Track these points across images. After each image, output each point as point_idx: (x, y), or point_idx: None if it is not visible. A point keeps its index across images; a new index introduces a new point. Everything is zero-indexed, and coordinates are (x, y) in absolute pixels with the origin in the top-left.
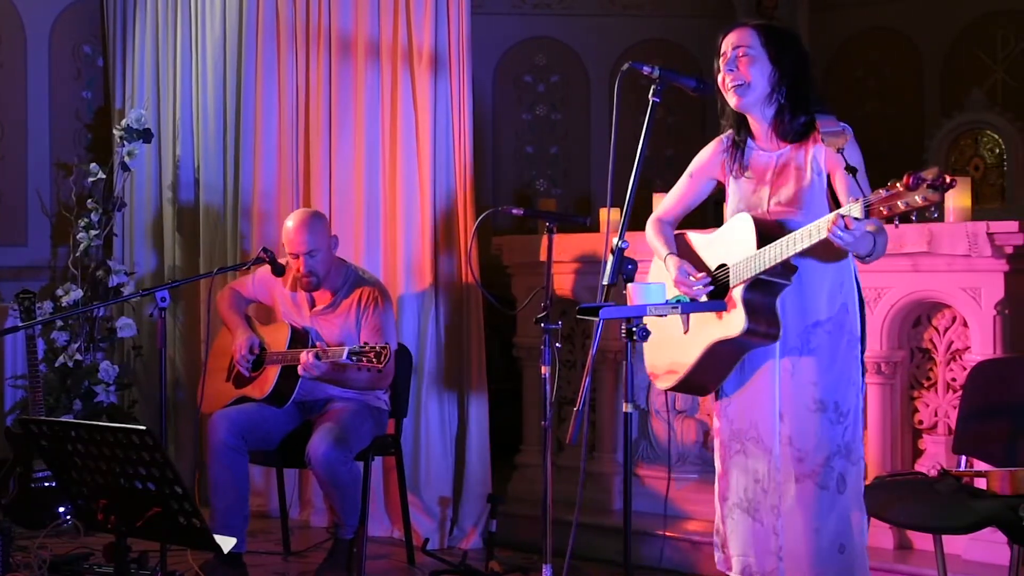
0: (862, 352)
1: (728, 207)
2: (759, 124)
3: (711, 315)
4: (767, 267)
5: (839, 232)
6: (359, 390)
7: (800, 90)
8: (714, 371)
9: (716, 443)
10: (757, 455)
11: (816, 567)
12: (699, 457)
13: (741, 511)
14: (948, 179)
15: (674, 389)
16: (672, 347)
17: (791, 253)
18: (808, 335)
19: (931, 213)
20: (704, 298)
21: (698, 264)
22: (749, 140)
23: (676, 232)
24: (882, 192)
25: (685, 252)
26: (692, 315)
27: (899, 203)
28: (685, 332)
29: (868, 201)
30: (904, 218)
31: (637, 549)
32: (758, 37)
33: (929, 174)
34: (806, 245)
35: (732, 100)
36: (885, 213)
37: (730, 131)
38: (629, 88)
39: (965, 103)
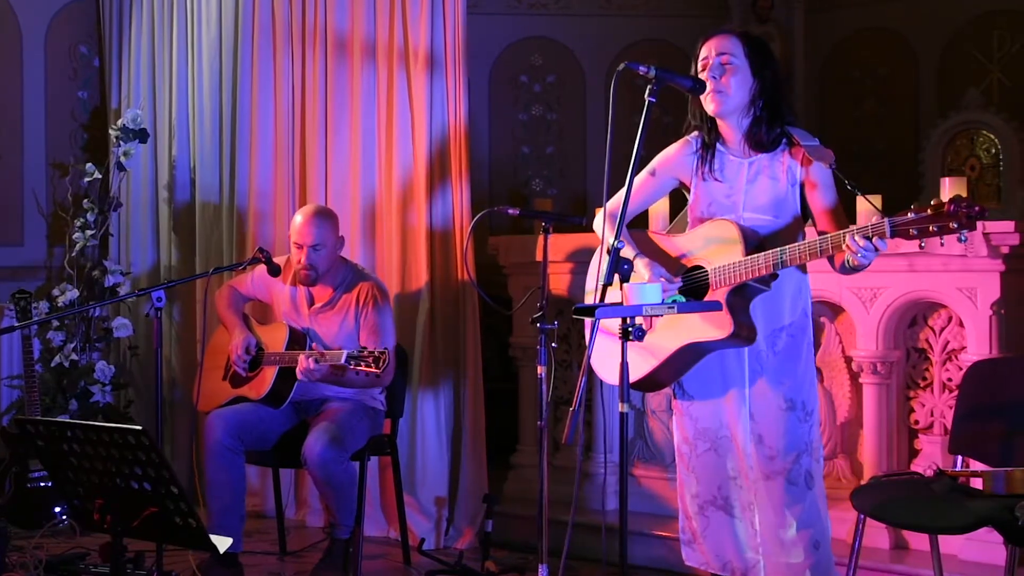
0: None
1: (695, 209)
2: (733, 132)
3: (682, 315)
4: (759, 273)
5: (864, 251)
6: (359, 388)
7: (776, 102)
8: (676, 370)
9: (678, 441)
10: (732, 453)
11: (794, 563)
12: None
13: (716, 508)
14: (985, 211)
15: (631, 387)
16: (633, 345)
17: (799, 262)
18: (775, 338)
19: (961, 235)
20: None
21: (667, 264)
22: (719, 144)
23: (640, 231)
24: (909, 215)
25: (651, 251)
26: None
27: (931, 227)
28: (649, 329)
29: (895, 222)
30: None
31: (633, 549)
32: (742, 47)
33: (964, 204)
34: (819, 256)
35: (711, 107)
36: (912, 234)
37: (697, 133)
38: (625, 88)
39: (961, 103)
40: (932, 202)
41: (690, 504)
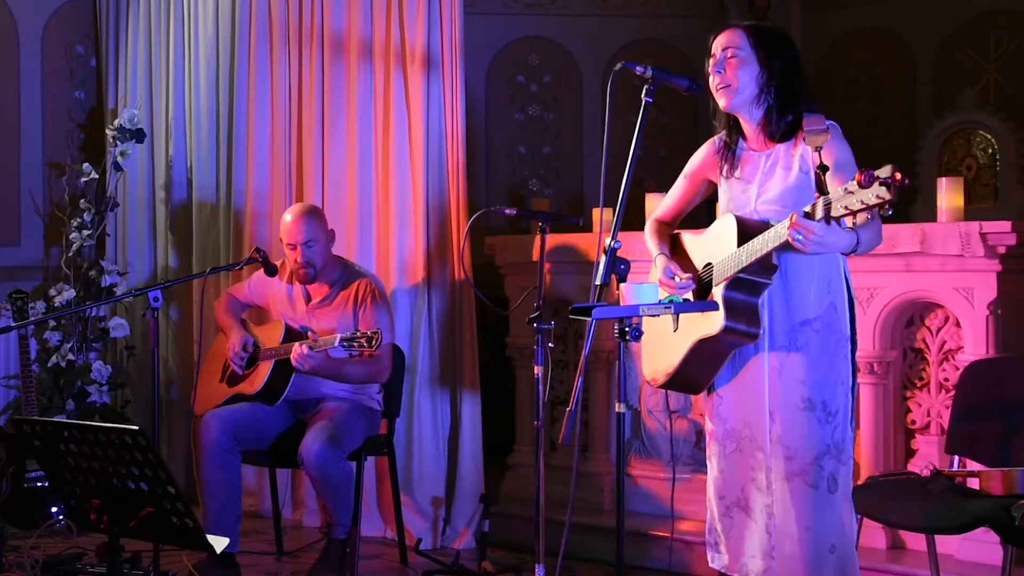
0: (853, 352)
1: (719, 208)
2: (749, 125)
3: (698, 313)
4: (744, 265)
5: (796, 236)
6: (357, 383)
7: (790, 90)
8: (702, 369)
9: (709, 442)
10: (752, 454)
11: (808, 567)
12: (692, 457)
13: (739, 509)
14: (900, 177)
15: (666, 387)
16: (664, 345)
17: (763, 252)
18: (796, 333)
19: (886, 211)
20: (689, 296)
21: (688, 264)
22: (740, 141)
23: (677, 231)
24: (840, 191)
25: (678, 252)
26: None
27: (855, 201)
28: (675, 330)
29: (828, 200)
30: (897, 215)
31: (630, 549)
32: (747, 38)
33: (882, 172)
34: (774, 245)
35: (721, 102)
36: (843, 212)
37: (722, 132)
38: (622, 88)
39: (957, 103)
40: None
41: (718, 506)
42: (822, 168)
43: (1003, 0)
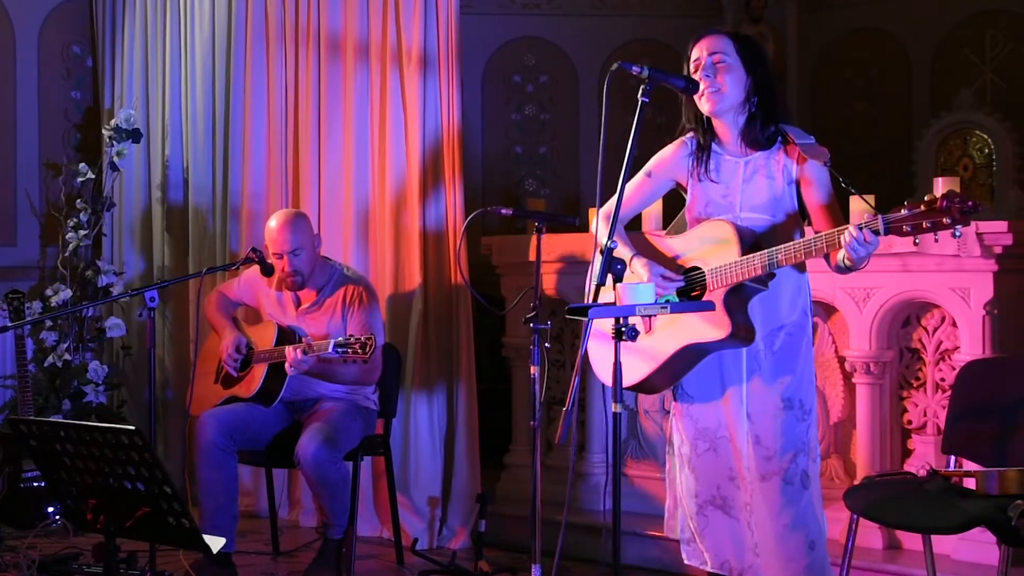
0: None
1: (693, 210)
2: (729, 131)
3: (681, 317)
4: (757, 273)
5: (856, 245)
6: (348, 384)
7: (771, 100)
8: (675, 372)
9: (677, 441)
10: (730, 453)
11: (790, 563)
12: None
13: (715, 508)
14: (979, 206)
15: (630, 389)
16: (632, 349)
17: (794, 262)
18: (773, 338)
19: (955, 232)
20: (673, 298)
21: (664, 265)
22: (714, 144)
23: (636, 232)
24: (903, 211)
25: (647, 252)
26: (657, 317)
27: (925, 223)
28: (647, 332)
29: (889, 219)
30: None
31: (626, 549)
32: (733, 45)
33: (957, 199)
34: (814, 255)
35: (706, 106)
36: (906, 231)
37: (692, 134)
38: (618, 88)
39: (954, 103)
40: (925, 197)
41: (690, 504)
42: (847, 184)
43: (1000, 0)
